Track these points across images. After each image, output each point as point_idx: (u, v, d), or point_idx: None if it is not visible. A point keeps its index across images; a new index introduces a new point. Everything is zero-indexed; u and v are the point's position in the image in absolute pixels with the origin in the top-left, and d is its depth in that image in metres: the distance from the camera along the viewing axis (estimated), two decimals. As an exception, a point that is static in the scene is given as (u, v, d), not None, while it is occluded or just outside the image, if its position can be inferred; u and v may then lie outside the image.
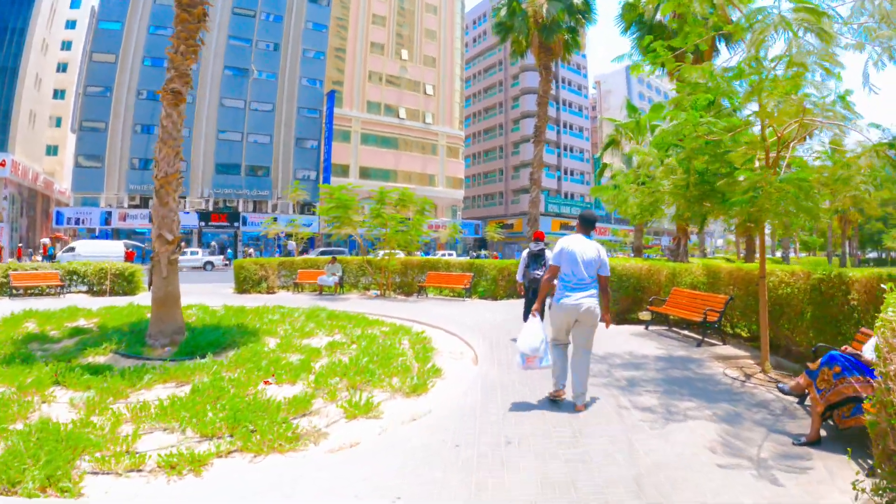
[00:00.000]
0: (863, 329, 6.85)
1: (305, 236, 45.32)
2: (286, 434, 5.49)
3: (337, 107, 63.39)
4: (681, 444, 5.39)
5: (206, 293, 21.35)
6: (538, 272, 10.29)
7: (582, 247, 6.46)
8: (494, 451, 5.19)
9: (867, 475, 4.51)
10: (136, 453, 5.07)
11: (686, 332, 12.14)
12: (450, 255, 58.40)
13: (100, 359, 9.10)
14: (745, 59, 7.16)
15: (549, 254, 9.75)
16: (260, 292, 22.44)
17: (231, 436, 5.57)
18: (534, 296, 10.16)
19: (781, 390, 6.39)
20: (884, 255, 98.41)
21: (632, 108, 31.55)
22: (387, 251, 21.54)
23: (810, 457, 5.14)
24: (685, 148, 7.88)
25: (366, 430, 5.88)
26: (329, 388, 7.15)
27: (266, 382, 7.65)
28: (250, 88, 60.13)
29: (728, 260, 32.59)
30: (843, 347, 6.00)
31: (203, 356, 8.96)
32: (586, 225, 6.76)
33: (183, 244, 11.33)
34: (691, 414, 6.41)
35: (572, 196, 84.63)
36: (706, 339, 10.94)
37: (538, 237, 11.21)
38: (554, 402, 6.62)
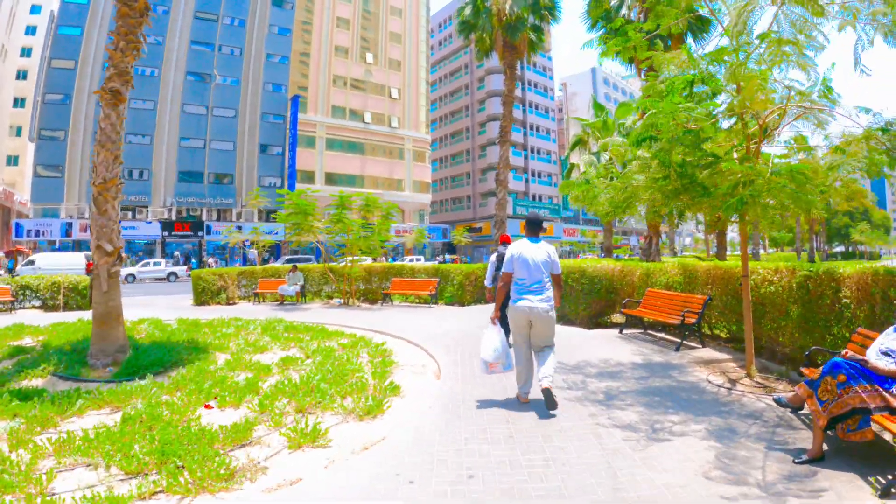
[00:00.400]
0: (860, 329, 6.22)
1: (267, 244, 44.11)
2: (219, 470, 4.71)
3: (301, 112, 62.34)
4: (671, 471, 4.69)
5: (164, 306, 20.72)
6: None
7: (531, 250, 6.57)
8: (455, 487, 4.44)
9: (880, 496, 4.08)
10: (51, 496, 4.36)
11: (663, 336, 11.53)
12: (418, 260, 57.63)
13: (37, 381, 8.27)
14: (729, 30, 6.49)
15: None
16: (219, 303, 21.46)
17: (158, 473, 4.79)
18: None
19: (778, 402, 5.73)
20: (850, 249, 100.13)
21: (598, 107, 31.20)
22: (349, 258, 20.66)
23: (816, 476, 4.53)
24: (661, 139, 7.21)
25: (311, 463, 5.10)
26: (274, 413, 6.34)
27: (207, 406, 6.83)
28: (213, 94, 58.77)
29: (698, 258, 32.28)
30: (843, 352, 5.36)
31: (143, 377, 8.17)
32: (533, 227, 6.88)
33: (123, 255, 10.37)
34: (679, 430, 5.72)
35: (540, 198, 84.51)
36: (685, 343, 10.31)
37: (505, 241, 10.84)
38: (524, 405, 6.63)
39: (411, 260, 57.05)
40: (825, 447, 4.93)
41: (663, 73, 7.52)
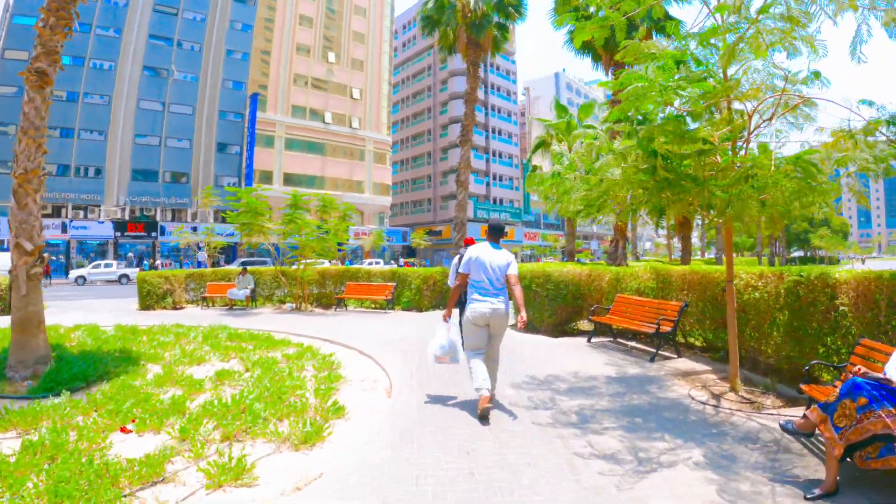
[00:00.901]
0: (865, 341, 5.53)
1: (219, 246, 42.21)
2: (116, 521, 3.73)
3: (260, 111, 60.68)
4: (668, 519, 3.85)
5: (108, 310, 19.49)
6: None
7: (490, 255, 6.60)
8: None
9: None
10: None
11: (634, 345, 10.80)
12: (377, 263, 56.63)
13: (-54, 398, 7.09)
14: (727, 5, 5.72)
15: None
16: (165, 308, 20.22)
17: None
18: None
19: (785, 429, 4.94)
20: (809, 254, 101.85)
21: (561, 109, 30.60)
22: (302, 260, 19.59)
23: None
24: (644, 126, 6.42)
25: (231, 507, 4.15)
26: (196, 442, 5.32)
27: (123, 430, 5.83)
28: (170, 90, 56.60)
29: (660, 262, 31.85)
30: (856, 368, 4.57)
31: (58, 393, 7.11)
32: (495, 233, 6.85)
33: (46, 255, 9.20)
34: (668, 460, 4.90)
35: (501, 202, 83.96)
36: (660, 353, 9.57)
37: (468, 243, 10.16)
38: (484, 418, 6.16)
39: (370, 263, 55.95)
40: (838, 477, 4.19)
41: (637, 67, 6.78)
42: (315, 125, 66.30)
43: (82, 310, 19.35)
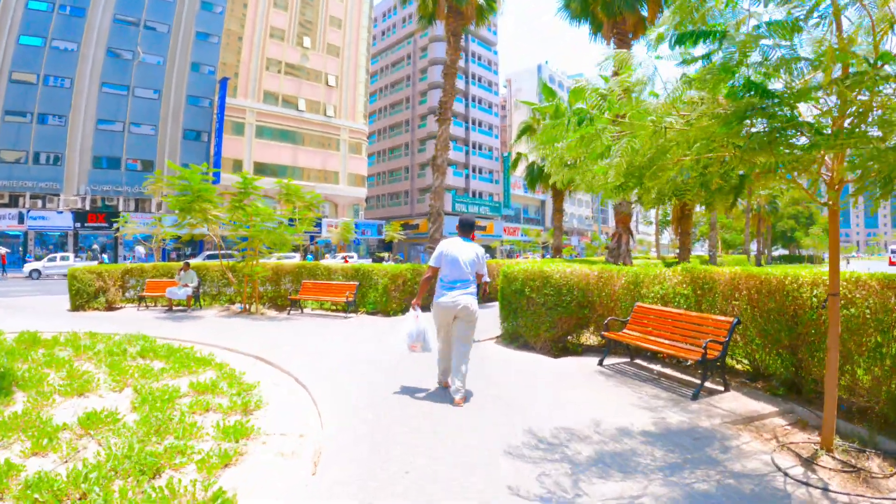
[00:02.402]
0: None
1: (167, 237, 38.06)
2: None
3: (231, 97, 57.57)
4: None
5: (37, 310, 17.33)
6: None
7: (460, 249, 6.74)
8: None
9: None
10: None
11: (659, 369, 8.30)
12: (350, 258, 53.79)
13: None
14: None
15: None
16: (98, 309, 17.46)
17: None
18: None
19: None
20: (796, 253, 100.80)
21: (549, 92, 28.16)
22: (254, 255, 16.84)
23: None
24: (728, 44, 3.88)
25: None
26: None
27: None
28: (134, 73, 53.17)
29: (663, 260, 29.64)
30: None
31: None
32: (465, 229, 7.03)
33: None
34: None
35: (481, 195, 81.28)
36: (704, 384, 7.05)
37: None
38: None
39: (343, 258, 53.12)
40: None
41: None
42: (288, 112, 63.22)
43: (11, 309, 17.06)
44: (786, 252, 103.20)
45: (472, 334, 6.82)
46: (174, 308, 17.21)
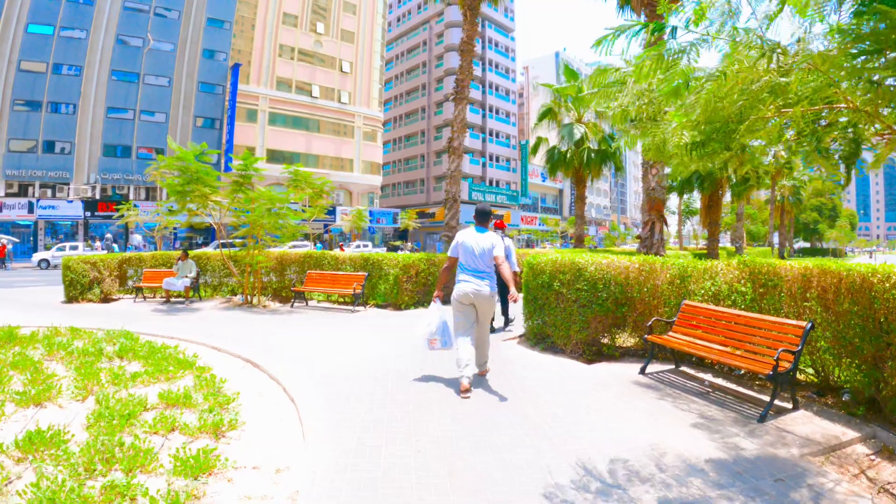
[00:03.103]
0: None
1: (170, 225, 36.79)
2: None
3: (243, 83, 56.59)
4: None
5: (32, 302, 16.62)
6: None
7: (476, 238, 6.79)
8: None
9: None
10: None
11: (711, 378, 7.09)
12: (364, 247, 52.78)
13: None
14: None
15: (507, 241, 10.05)
16: (92, 300, 16.53)
17: None
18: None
19: None
20: (818, 245, 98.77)
21: (570, 74, 26.82)
22: (255, 242, 15.74)
23: None
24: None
25: None
26: None
27: None
28: (145, 60, 52.37)
29: (694, 253, 28.26)
30: None
31: None
32: (482, 218, 7.01)
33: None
34: None
35: (498, 183, 79.82)
36: (774, 402, 5.85)
37: (498, 226, 10.28)
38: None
39: (357, 246, 52.05)
40: None
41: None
42: (301, 99, 62.12)
43: (3, 301, 16.27)
44: (807, 245, 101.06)
45: (490, 318, 7.04)
46: (172, 300, 16.21)
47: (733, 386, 6.78)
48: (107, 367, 7.53)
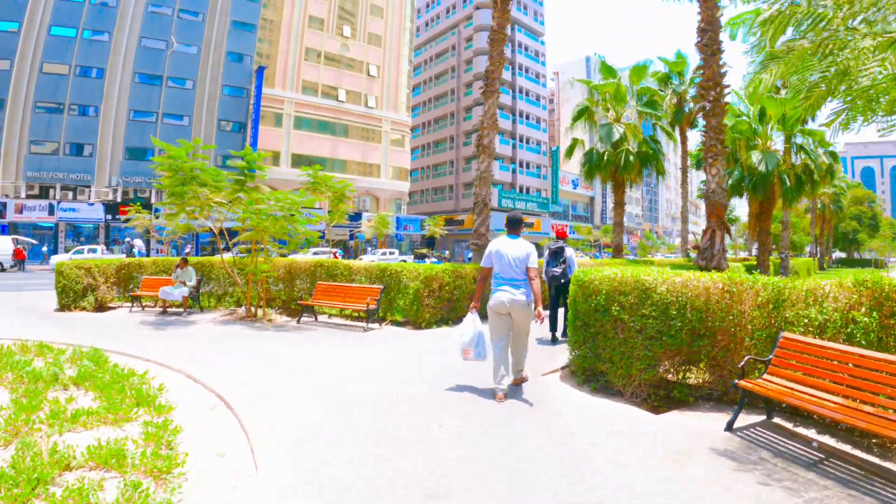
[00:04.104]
0: None
1: (179, 229, 34.81)
2: None
3: (268, 86, 55.72)
4: None
5: (20, 311, 15.02)
6: (556, 269, 10.19)
7: (509, 247, 6.68)
8: None
9: None
10: None
11: (828, 441, 5.30)
12: (391, 253, 51.25)
13: None
14: None
15: (568, 251, 10.42)
16: (85, 309, 15.23)
17: None
18: (556, 293, 10.39)
19: None
20: (853, 255, 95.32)
21: (608, 71, 24.99)
22: (260, 248, 14.15)
23: None
24: None
25: None
26: None
27: None
28: (168, 63, 51.84)
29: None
30: None
31: None
32: (513, 226, 6.92)
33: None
34: None
35: (528, 191, 77.81)
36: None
37: (560, 235, 10.62)
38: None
39: (384, 254, 50.49)
40: None
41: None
42: (327, 103, 61.10)
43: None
44: (843, 255, 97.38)
45: (528, 328, 6.79)
46: (168, 310, 14.73)
47: (849, 448, 5.01)
48: (53, 397, 6.25)
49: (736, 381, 5.61)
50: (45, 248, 45.37)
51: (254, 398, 6.38)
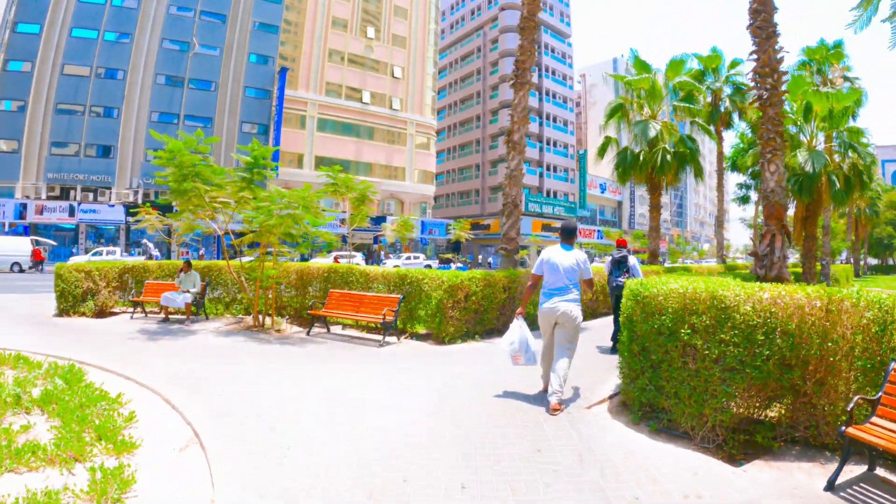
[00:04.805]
0: None
1: (184, 229, 33.34)
2: None
3: (291, 88, 55.02)
4: None
5: (20, 315, 14.41)
6: (620, 279, 9.87)
7: (561, 256, 6.65)
8: None
9: None
10: None
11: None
12: (416, 258, 50.11)
13: None
14: None
15: (632, 260, 10.11)
16: (84, 314, 14.29)
17: None
18: (619, 303, 8.48)
19: None
20: (888, 262, 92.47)
21: (642, 66, 23.66)
22: (270, 251, 13.05)
23: None
24: None
25: None
26: None
27: None
28: (190, 64, 51.43)
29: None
30: None
31: None
32: (567, 235, 6.89)
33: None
34: None
35: (555, 195, 76.29)
36: None
37: (621, 244, 10.38)
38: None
39: (408, 258, 49.33)
40: None
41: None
42: (351, 105, 60.25)
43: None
44: (875, 261, 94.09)
45: (575, 339, 6.61)
46: (171, 317, 13.72)
47: None
48: (9, 424, 5.36)
49: (843, 428, 4.35)
50: (74, 250, 45.08)
51: (235, 434, 5.25)
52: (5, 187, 45.36)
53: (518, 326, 6.67)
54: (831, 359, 4.86)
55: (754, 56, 11.80)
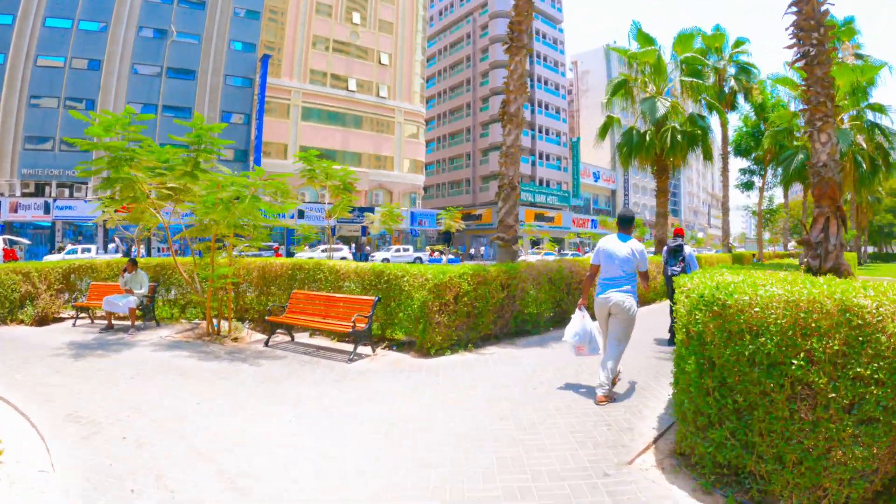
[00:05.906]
0: None
1: (150, 225, 31.22)
2: None
3: (274, 76, 52.79)
4: None
5: None
6: (676, 268, 9.93)
7: (615, 246, 6.55)
8: None
9: None
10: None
11: None
12: (405, 250, 48.21)
13: None
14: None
15: (687, 249, 9.95)
16: (22, 322, 12.37)
17: None
18: (673, 293, 8.43)
19: None
20: (886, 251, 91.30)
21: (645, 39, 21.76)
22: (227, 245, 11.13)
23: None
24: None
25: None
26: None
27: None
28: (168, 53, 49.22)
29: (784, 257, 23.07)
30: None
31: None
32: (624, 225, 6.79)
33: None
34: None
35: (548, 183, 74.36)
36: None
37: (678, 233, 10.26)
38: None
39: (397, 251, 47.37)
40: None
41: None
42: (337, 93, 58.11)
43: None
44: (873, 249, 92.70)
45: (627, 333, 6.47)
46: (115, 324, 11.83)
47: None
48: None
49: None
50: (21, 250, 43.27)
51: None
52: (-24, 185, 43.31)
53: (580, 317, 6.64)
54: None
55: (794, 9, 9.96)
